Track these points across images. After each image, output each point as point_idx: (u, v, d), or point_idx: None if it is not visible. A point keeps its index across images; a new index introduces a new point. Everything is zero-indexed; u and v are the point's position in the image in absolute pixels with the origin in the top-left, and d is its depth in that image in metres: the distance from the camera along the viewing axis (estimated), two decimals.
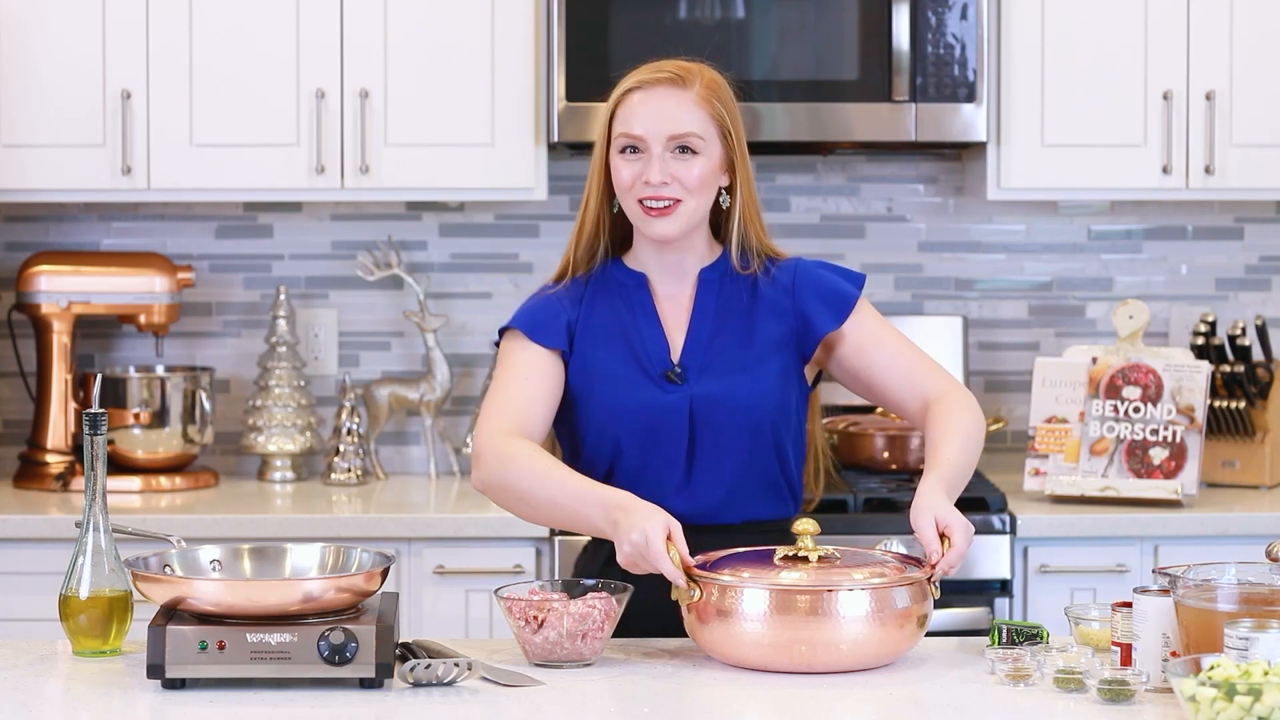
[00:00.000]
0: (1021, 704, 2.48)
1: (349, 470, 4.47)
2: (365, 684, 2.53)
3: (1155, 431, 4.18)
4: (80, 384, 4.43)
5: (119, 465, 4.38)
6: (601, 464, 2.91)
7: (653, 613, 2.77)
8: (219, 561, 2.72)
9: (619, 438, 2.89)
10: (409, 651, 2.64)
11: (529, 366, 2.90)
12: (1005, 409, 4.64)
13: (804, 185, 4.66)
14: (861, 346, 2.95)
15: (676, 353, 2.93)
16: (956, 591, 3.97)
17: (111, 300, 4.43)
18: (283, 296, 4.52)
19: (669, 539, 2.63)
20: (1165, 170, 4.28)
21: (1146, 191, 4.34)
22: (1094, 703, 2.47)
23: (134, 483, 4.37)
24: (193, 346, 4.65)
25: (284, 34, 4.26)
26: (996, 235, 4.67)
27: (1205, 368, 4.20)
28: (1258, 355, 4.44)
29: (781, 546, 2.72)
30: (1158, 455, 4.17)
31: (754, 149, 3.03)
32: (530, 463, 2.79)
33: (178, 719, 2.44)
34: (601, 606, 2.65)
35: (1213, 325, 4.38)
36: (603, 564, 2.90)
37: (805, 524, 2.71)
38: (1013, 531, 4.03)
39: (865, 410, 4.47)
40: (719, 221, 2.99)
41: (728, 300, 2.95)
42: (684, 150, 2.87)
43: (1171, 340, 4.64)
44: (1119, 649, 2.61)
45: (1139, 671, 2.50)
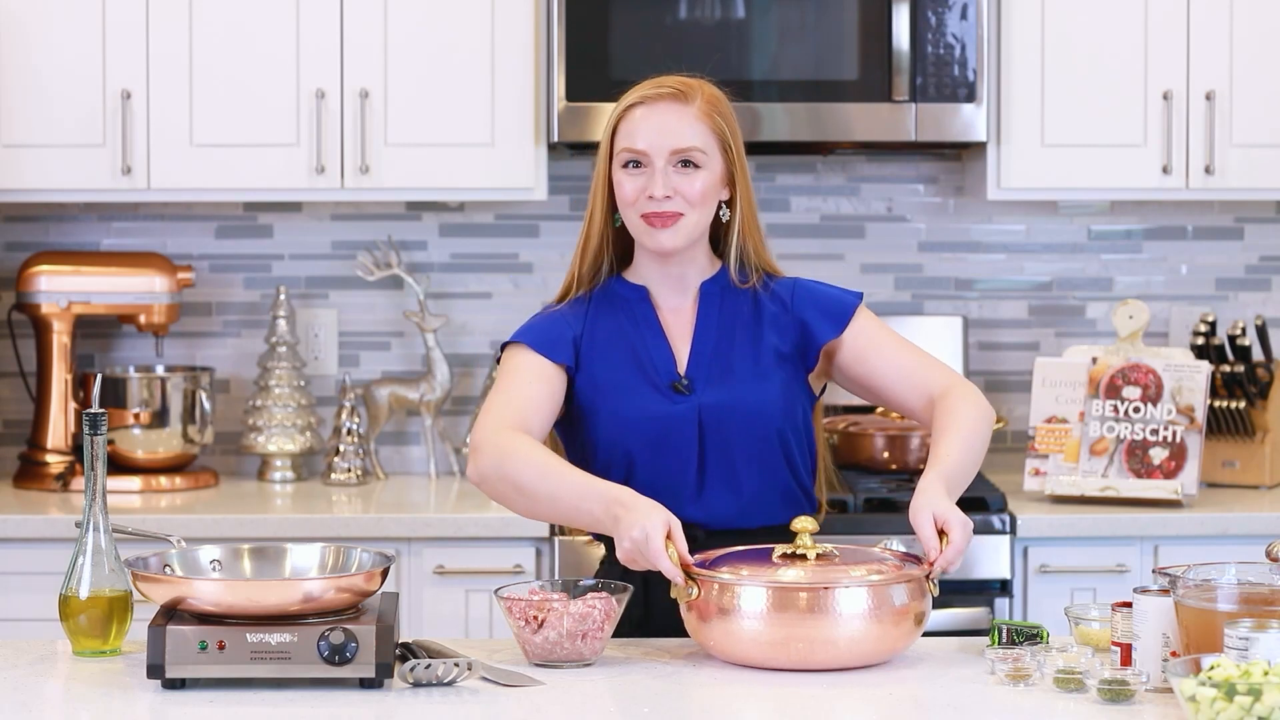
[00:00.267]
0: (1021, 704, 2.48)
1: (349, 470, 4.47)
2: (365, 684, 2.53)
3: (1155, 431, 4.18)
4: (80, 384, 4.43)
5: (119, 465, 4.37)
6: (615, 478, 2.90)
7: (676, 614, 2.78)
8: (219, 561, 2.72)
9: (630, 450, 2.90)
10: (409, 651, 2.64)
11: (533, 372, 2.91)
12: (1005, 409, 4.64)
13: (804, 185, 4.66)
14: (862, 352, 2.96)
15: (682, 364, 2.94)
16: (956, 591, 3.97)
17: (111, 300, 4.43)
18: (283, 296, 4.52)
19: (669, 537, 2.64)
20: (1165, 170, 4.28)
21: (1146, 191, 4.34)
22: (1094, 703, 2.47)
23: (134, 483, 4.37)
24: (193, 346, 4.65)
25: (284, 34, 4.26)
26: (996, 235, 4.67)
27: (1205, 368, 4.20)
28: (1258, 355, 4.44)
29: (780, 545, 2.73)
30: (1158, 455, 4.17)
31: (754, 149, 3.04)
32: (531, 456, 2.79)
33: (178, 719, 2.44)
34: (601, 606, 2.65)
35: (1213, 325, 4.38)
36: (623, 571, 2.89)
37: (803, 522, 2.72)
38: (1013, 531, 4.03)
39: (865, 410, 4.47)
40: (718, 236, 3.00)
41: (730, 312, 2.97)
42: (686, 164, 2.89)
43: (1171, 340, 4.64)
44: (1119, 649, 2.61)
45: (1139, 671, 2.50)
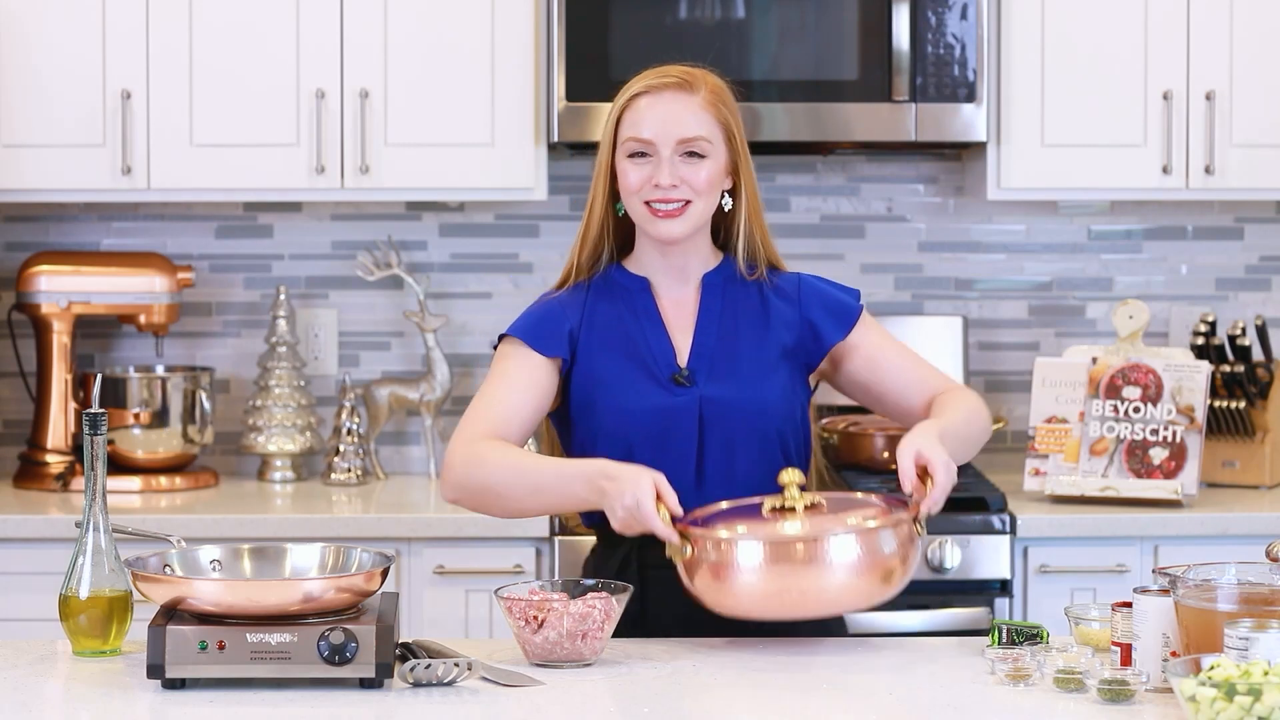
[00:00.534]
0: (1021, 704, 2.48)
1: (349, 470, 4.47)
2: (365, 684, 2.53)
3: (1155, 431, 4.18)
4: (80, 384, 4.43)
5: (119, 465, 4.37)
6: None
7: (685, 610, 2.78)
8: (219, 561, 2.72)
9: (630, 442, 2.89)
10: (409, 651, 2.64)
11: (519, 376, 2.91)
12: (1005, 409, 4.64)
13: (804, 185, 4.66)
14: (871, 359, 2.97)
15: (682, 356, 2.94)
16: (957, 591, 3.97)
17: (111, 300, 4.43)
18: (283, 296, 4.52)
19: (659, 499, 2.66)
20: (1165, 170, 4.28)
21: (1146, 191, 4.34)
22: (1094, 703, 2.47)
23: (134, 483, 4.37)
24: (193, 346, 4.65)
25: (284, 34, 4.26)
26: (996, 235, 4.67)
27: (1205, 368, 4.20)
28: (1258, 355, 4.44)
29: (768, 498, 2.76)
30: (1158, 455, 4.17)
31: (754, 149, 3.04)
32: (503, 459, 2.81)
33: (178, 719, 2.44)
34: (601, 606, 2.65)
35: (1213, 325, 4.38)
36: (618, 567, 2.90)
37: (790, 475, 2.75)
38: (1013, 531, 4.03)
39: (865, 410, 4.46)
40: (718, 228, 3.00)
41: (735, 305, 2.96)
42: (692, 154, 2.89)
43: (1171, 340, 4.63)
44: (1119, 649, 2.61)
45: (1139, 671, 2.50)
